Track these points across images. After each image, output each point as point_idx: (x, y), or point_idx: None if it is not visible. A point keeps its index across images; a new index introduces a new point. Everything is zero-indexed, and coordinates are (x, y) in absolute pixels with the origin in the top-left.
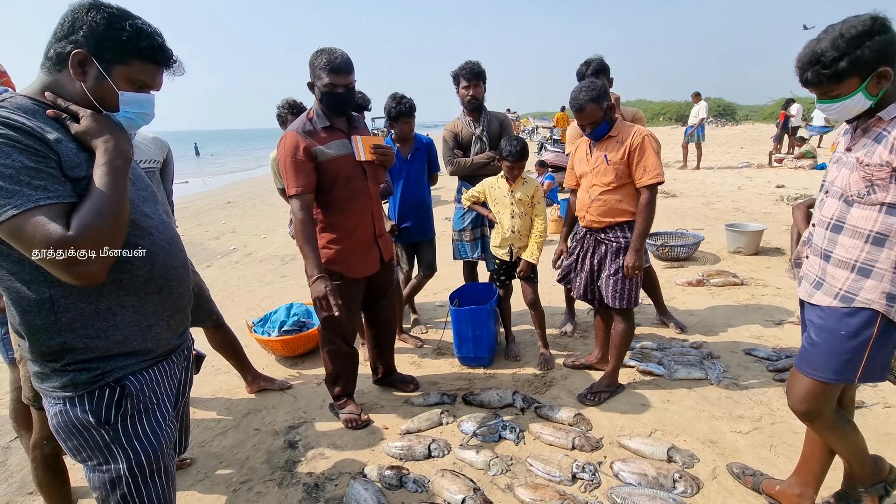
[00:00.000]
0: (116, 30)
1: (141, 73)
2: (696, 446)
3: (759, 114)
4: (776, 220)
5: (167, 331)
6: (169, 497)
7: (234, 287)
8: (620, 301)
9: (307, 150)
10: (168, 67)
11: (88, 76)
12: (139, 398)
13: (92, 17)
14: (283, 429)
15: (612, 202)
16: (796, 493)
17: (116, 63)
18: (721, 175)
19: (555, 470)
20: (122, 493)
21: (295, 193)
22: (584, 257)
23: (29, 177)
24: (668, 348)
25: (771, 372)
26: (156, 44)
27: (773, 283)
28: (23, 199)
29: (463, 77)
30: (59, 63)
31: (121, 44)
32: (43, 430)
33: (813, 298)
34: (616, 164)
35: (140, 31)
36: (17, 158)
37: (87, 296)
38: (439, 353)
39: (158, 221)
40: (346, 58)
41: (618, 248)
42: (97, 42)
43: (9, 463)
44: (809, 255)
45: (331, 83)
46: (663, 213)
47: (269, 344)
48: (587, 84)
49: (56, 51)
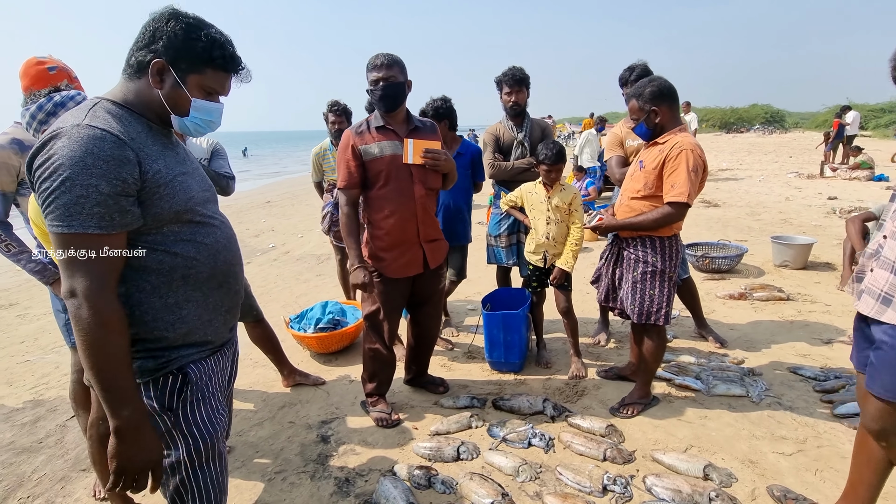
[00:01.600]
0: (193, 40)
1: (212, 81)
2: (734, 465)
3: (811, 121)
4: (826, 234)
5: (223, 325)
6: (223, 482)
7: (272, 284)
8: (639, 316)
9: (354, 148)
10: (237, 74)
11: (165, 84)
12: (198, 386)
13: (171, 28)
14: (317, 423)
15: (637, 211)
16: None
17: (191, 72)
18: (767, 184)
19: (585, 480)
20: (181, 477)
21: (340, 187)
22: (609, 263)
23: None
24: (707, 363)
25: (818, 392)
26: (227, 53)
27: (821, 300)
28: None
29: (506, 83)
30: (140, 71)
31: (196, 54)
32: (99, 410)
33: (883, 316)
34: (648, 173)
35: (214, 41)
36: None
37: (158, 291)
38: (470, 356)
39: (220, 221)
40: (388, 54)
41: (636, 259)
42: (175, 52)
43: (65, 440)
44: (875, 268)
45: (371, 79)
46: (704, 223)
47: (304, 340)
48: (646, 80)
49: (137, 59)
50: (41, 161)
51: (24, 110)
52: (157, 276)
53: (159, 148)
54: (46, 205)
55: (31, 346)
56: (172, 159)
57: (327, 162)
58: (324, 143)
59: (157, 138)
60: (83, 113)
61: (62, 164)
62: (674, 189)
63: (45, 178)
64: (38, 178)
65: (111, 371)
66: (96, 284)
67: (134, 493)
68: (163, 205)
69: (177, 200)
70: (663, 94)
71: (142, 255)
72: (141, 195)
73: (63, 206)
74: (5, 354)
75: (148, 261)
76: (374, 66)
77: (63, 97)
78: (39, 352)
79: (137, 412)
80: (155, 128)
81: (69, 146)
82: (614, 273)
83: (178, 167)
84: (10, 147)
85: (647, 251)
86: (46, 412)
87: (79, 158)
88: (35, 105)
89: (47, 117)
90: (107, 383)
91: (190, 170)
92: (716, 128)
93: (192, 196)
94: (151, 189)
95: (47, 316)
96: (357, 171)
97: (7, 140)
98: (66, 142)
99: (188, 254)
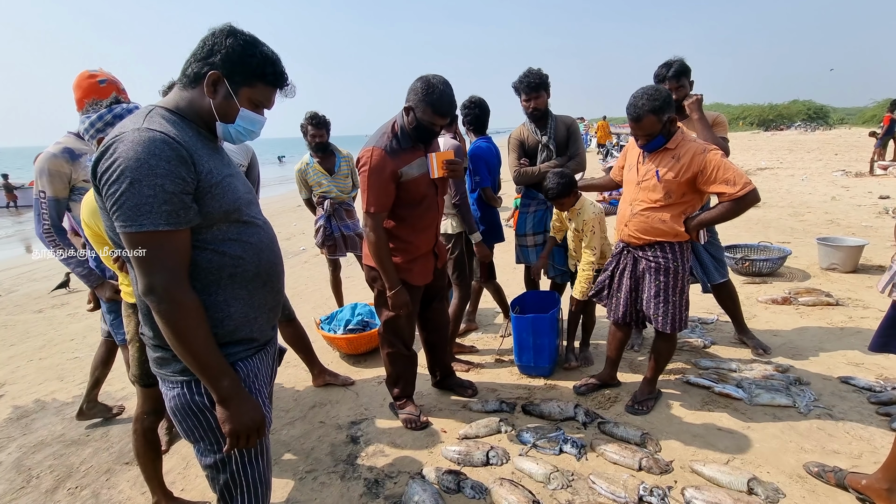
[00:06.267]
0: (249, 56)
1: (261, 95)
2: (781, 480)
3: (858, 117)
4: (878, 235)
5: (267, 323)
6: (268, 477)
7: (302, 285)
8: (672, 325)
9: (393, 172)
10: (282, 90)
11: (218, 94)
12: (245, 383)
13: (230, 44)
14: (346, 424)
15: (654, 221)
16: (885, 487)
17: (244, 85)
18: (811, 183)
19: (619, 490)
20: (231, 472)
21: (373, 211)
22: (622, 276)
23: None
24: (748, 370)
25: (873, 404)
26: (278, 70)
27: (875, 305)
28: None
29: (523, 90)
30: (195, 81)
31: (251, 69)
32: (144, 405)
33: None
34: (668, 183)
35: (267, 59)
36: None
37: (207, 289)
38: (498, 360)
39: (263, 222)
40: (453, 101)
41: (657, 267)
42: (231, 66)
43: (110, 434)
44: None
45: (431, 122)
46: (743, 225)
47: (334, 341)
48: (650, 91)
49: (194, 70)
50: (106, 165)
51: (84, 118)
52: (206, 275)
53: (208, 151)
54: (115, 207)
55: (80, 343)
56: (219, 162)
57: (310, 177)
58: (304, 159)
59: (206, 143)
60: (141, 118)
61: (127, 167)
62: (734, 184)
63: (112, 181)
64: (105, 181)
65: (202, 353)
66: (173, 278)
67: (248, 446)
68: (214, 204)
69: (226, 200)
70: (670, 99)
71: (193, 254)
72: (195, 194)
73: (133, 206)
74: (57, 351)
75: (198, 259)
76: (438, 112)
77: (122, 109)
78: (88, 349)
79: (235, 380)
80: (203, 133)
81: (133, 149)
82: (630, 285)
83: (225, 169)
84: (62, 156)
85: (667, 257)
86: None
87: (143, 160)
88: (96, 115)
89: (105, 126)
90: (201, 364)
91: (234, 172)
92: (753, 126)
93: (239, 197)
94: (205, 188)
95: (95, 315)
96: (394, 193)
97: (59, 149)
98: (130, 145)
99: (235, 253)
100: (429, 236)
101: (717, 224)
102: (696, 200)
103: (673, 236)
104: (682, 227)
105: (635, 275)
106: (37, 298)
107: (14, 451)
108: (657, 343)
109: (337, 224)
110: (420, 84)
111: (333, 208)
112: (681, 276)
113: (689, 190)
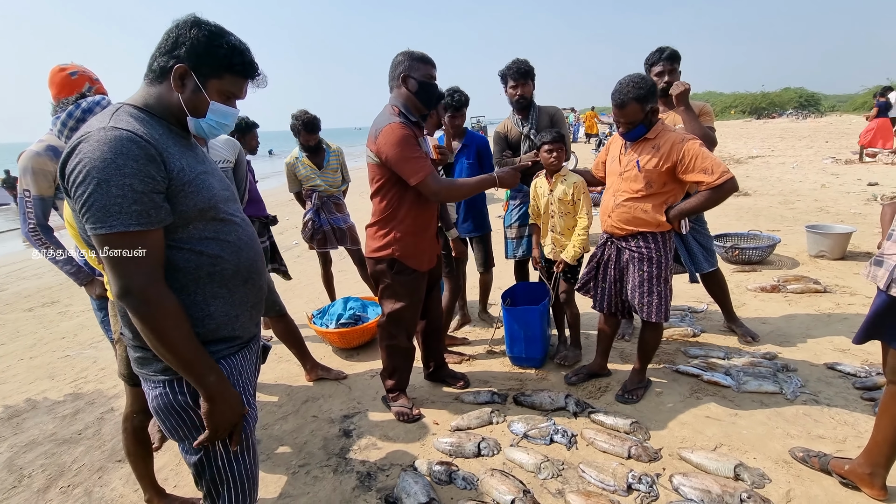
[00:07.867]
0: (215, 47)
1: (231, 86)
2: (767, 465)
3: (849, 104)
4: (867, 222)
5: (249, 320)
6: (255, 473)
7: (294, 280)
8: (657, 314)
9: (417, 138)
10: (253, 80)
11: (186, 88)
12: (230, 380)
13: (194, 35)
14: (339, 417)
15: (636, 211)
16: (867, 472)
17: (212, 77)
18: (801, 171)
19: (609, 478)
20: (216, 468)
21: (425, 175)
22: (606, 267)
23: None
24: (737, 358)
25: (858, 390)
26: (246, 60)
27: (862, 292)
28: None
29: (510, 77)
30: (162, 75)
31: (217, 60)
32: (133, 403)
33: None
34: (648, 173)
35: (234, 49)
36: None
37: (185, 289)
38: (490, 351)
39: (241, 219)
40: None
41: (640, 257)
42: (197, 58)
43: (102, 432)
44: None
45: (429, 75)
46: (734, 213)
47: (326, 335)
48: (637, 79)
49: (160, 64)
50: (72, 167)
51: (55, 119)
52: (183, 275)
53: (180, 148)
54: (84, 209)
55: (71, 342)
56: (192, 159)
57: (299, 171)
58: (294, 153)
59: (177, 140)
60: (107, 117)
61: (94, 168)
62: (712, 173)
63: (79, 182)
64: (73, 183)
65: (185, 352)
66: (148, 280)
67: (232, 441)
68: (188, 202)
69: (200, 198)
70: (654, 88)
71: (168, 254)
72: (168, 193)
73: (102, 207)
74: (47, 350)
75: (174, 259)
76: (430, 62)
77: (90, 103)
78: (78, 347)
79: (220, 376)
80: (175, 130)
81: (99, 148)
82: (614, 275)
83: (198, 166)
84: (45, 154)
85: (650, 246)
86: (85, 405)
87: (110, 160)
88: (65, 113)
89: (77, 123)
90: (185, 363)
91: (210, 169)
92: (745, 114)
93: (215, 194)
94: (177, 187)
95: (86, 313)
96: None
97: (43, 147)
98: (96, 145)
99: (213, 252)
100: (434, 220)
101: (697, 213)
102: (677, 190)
103: (655, 226)
104: (664, 216)
105: (619, 265)
106: (27, 297)
107: (5, 451)
108: (643, 333)
109: (326, 217)
110: (399, 56)
111: (322, 202)
112: (664, 266)
113: (670, 180)
